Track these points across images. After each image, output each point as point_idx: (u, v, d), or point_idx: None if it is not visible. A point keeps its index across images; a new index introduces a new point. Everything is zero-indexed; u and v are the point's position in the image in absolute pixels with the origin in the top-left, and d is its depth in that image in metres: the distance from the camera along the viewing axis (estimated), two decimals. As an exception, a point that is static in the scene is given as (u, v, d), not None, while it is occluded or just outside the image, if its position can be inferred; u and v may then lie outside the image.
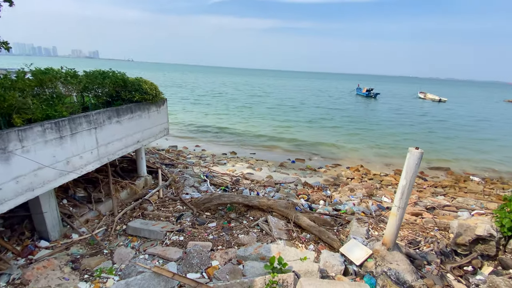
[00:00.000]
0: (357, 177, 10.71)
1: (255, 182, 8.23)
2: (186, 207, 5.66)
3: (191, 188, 6.85)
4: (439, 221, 5.92)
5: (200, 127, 18.44)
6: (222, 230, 4.82)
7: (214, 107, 27.32)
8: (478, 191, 9.62)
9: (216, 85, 56.60)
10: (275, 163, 11.73)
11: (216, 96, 36.44)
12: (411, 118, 28.64)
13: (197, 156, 11.61)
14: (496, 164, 14.26)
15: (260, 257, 3.73)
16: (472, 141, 19.30)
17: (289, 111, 27.47)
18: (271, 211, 5.43)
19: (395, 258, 3.78)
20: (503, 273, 3.66)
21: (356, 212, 6.57)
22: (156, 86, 5.83)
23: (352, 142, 17.05)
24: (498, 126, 26.62)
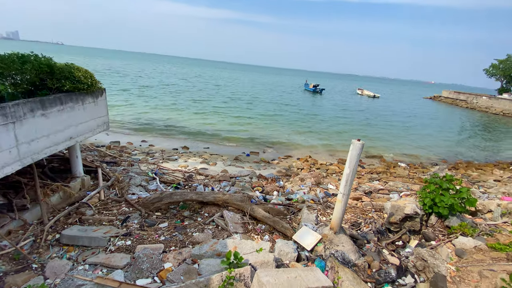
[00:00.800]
0: (306, 167, 11.38)
1: (209, 177, 8.04)
2: (133, 209, 5.21)
3: (138, 187, 6.33)
4: (375, 204, 6.68)
5: (146, 121, 17.12)
6: (175, 230, 4.59)
7: (162, 99, 25.59)
8: (405, 175, 11.17)
9: (165, 76, 53.15)
10: (230, 157, 11.67)
11: (165, 88, 34.25)
12: (351, 112, 31.60)
13: (144, 152, 10.78)
14: (418, 151, 16.75)
15: (216, 253, 3.67)
16: (399, 132, 22.27)
17: (242, 105, 27.51)
18: (226, 206, 5.38)
19: (341, 240, 4.12)
20: (426, 245, 4.33)
21: (306, 200, 6.97)
22: (91, 74, 5.14)
23: (302, 135, 18.00)
24: (419, 119, 31.30)
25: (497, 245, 3.79)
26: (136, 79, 40.06)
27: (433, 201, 4.66)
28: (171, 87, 35.83)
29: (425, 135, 21.94)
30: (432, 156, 15.98)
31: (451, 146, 19.00)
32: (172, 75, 56.13)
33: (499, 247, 3.72)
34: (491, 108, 46.60)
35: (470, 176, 11.91)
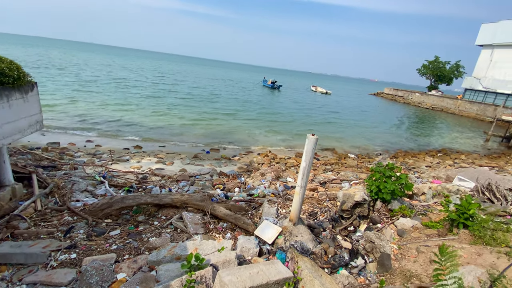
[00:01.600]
0: (266, 162, 11.62)
1: (166, 178, 7.65)
2: (78, 217, 4.69)
3: (83, 193, 5.71)
4: (329, 193, 7.13)
5: (92, 119, 15.48)
6: (129, 237, 4.26)
7: (110, 95, 23.35)
8: (354, 165, 12.17)
9: (113, 69, 48.58)
10: (188, 155, 11.27)
11: (112, 83, 31.36)
12: (307, 107, 33.17)
13: (89, 154, 9.76)
14: (365, 143, 18.39)
15: (175, 257, 3.50)
16: (349, 126, 24.14)
17: (201, 101, 26.74)
18: (186, 207, 5.18)
19: (300, 231, 4.30)
20: (373, 228, 4.77)
21: (267, 194, 7.11)
22: (18, 65, 4.42)
23: (262, 130, 18.29)
24: (365, 113, 34.34)
25: (429, 223, 4.37)
26: (78, 73, 35.82)
27: (378, 188, 5.16)
28: (121, 82, 32.87)
29: (371, 128, 24.21)
30: (377, 147, 17.72)
31: (391, 138, 21.32)
32: (122, 69, 51.58)
33: (432, 225, 4.29)
34: (422, 103, 53.49)
35: (407, 163, 13.52)
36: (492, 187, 6.45)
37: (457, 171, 9.69)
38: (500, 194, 6.16)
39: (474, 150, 19.93)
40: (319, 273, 3.23)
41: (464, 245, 3.48)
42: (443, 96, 52.22)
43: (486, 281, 2.57)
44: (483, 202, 6.09)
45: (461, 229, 3.91)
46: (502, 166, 13.86)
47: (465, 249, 3.36)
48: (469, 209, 3.87)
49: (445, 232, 4.00)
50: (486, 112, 41.10)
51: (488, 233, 3.61)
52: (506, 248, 3.24)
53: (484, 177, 7.93)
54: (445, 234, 3.97)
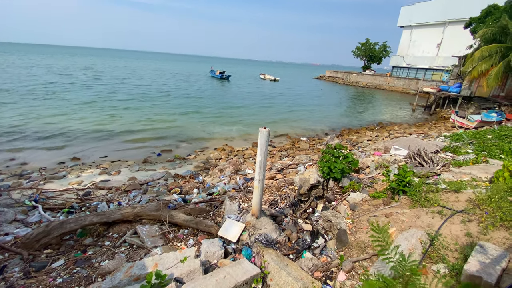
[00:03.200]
0: (224, 156, 11.44)
1: (113, 190, 6.94)
2: (9, 254, 3.95)
3: (12, 224, 4.83)
4: (287, 179, 7.37)
5: (11, 135, 13.04)
6: (76, 265, 3.76)
7: (33, 105, 19.84)
8: (307, 148, 12.80)
9: (30, 71, 41.44)
10: (137, 161, 10.42)
11: (36, 89, 26.86)
12: (257, 95, 33.50)
13: (14, 175, 8.29)
14: (314, 125, 19.46)
15: (133, 279, 3.21)
16: (299, 110, 25.20)
17: (144, 99, 24.76)
18: (140, 219, 4.78)
19: (263, 223, 4.34)
20: (329, 206, 5.09)
21: (228, 190, 7.02)
22: None
23: (215, 124, 17.87)
24: (311, 97, 36.24)
25: (375, 194, 4.83)
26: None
27: (329, 169, 5.49)
28: (47, 86, 28.10)
29: (317, 110, 25.73)
30: (324, 127, 18.94)
31: (336, 117, 23.01)
32: (42, 69, 44.33)
33: (377, 195, 4.75)
34: (359, 83, 58.73)
35: (352, 139, 14.78)
36: (421, 153, 7.43)
37: (392, 142, 10.94)
38: (427, 158, 7.14)
39: (404, 120, 22.80)
40: (285, 263, 3.31)
41: (405, 210, 3.94)
42: (375, 75, 58.09)
43: (426, 241, 2.95)
44: (415, 166, 6.99)
45: (401, 195, 4.41)
46: (426, 132, 16.14)
47: (406, 213, 3.80)
48: (406, 177, 4.37)
49: (389, 200, 4.46)
50: (411, 86, 47.19)
51: (422, 196, 4.15)
52: (438, 207, 3.76)
53: (414, 144, 9.11)
54: (389, 202, 4.43)
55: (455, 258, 2.88)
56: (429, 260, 2.94)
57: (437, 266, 2.76)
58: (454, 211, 3.64)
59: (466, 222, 3.37)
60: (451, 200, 4.06)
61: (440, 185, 4.68)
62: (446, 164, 6.73)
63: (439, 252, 2.97)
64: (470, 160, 7.03)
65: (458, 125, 17.70)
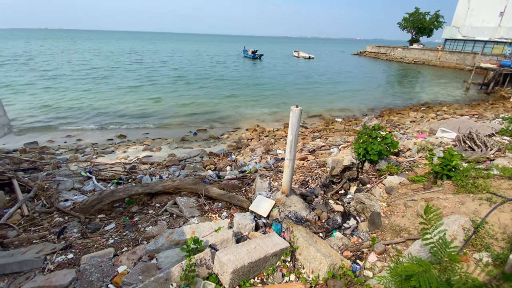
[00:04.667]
0: (255, 136, 11.57)
1: (155, 165, 7.53)
2: (69, 217, 4.61)
3: (70, 191, 5.57)
4: (319, 160, 7.25)
5: (67, 114, 14.62)
6: (125, 229, 4.26)
7: (77, 86, 21.52)
8: (341, 129, 12.32)
9: (69, 55, 45.17)
10: (175, 139, 11.05)
11: (82, 73, 29.40)
12: (291, 74, 32.52)
13: (71, 150, 9.41)
14: (351, 104, 18.48)
15: (174, 243, 3.54)
16: (334, 89, 24.01)
17: (180, 81, 25.64)
18: (179, 192, 5.16)
19: (293, 201, 4.40)
20: (362, 189, 4.93)
21: (259, 169, 7.17)
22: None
23: (248, 104, 17.97)
24: (349, 74, 34.08)
25: (415, 178, 4.54)
26: (39, 64, 33.01)
27: (365, 150, 5.24)
28: (96, 71, 30.45)
29: (356, 90, 24.21)
30: (362, 107, 17.87)
31: (376, 97, 21.47)
32: (90, 55, 48.06)
33: (417, 179, 4.47)
34: (404, 58, 53.41)
35: (393, 121, 13.79)
36: (472, 136, 6.69)
37: (440, 123, 9.98)
38: (480, 141, 6.41)
39: (455, 100, 20.46)
40: (314, 239, 3.35)
41: (448, 196, 3.66)
42: (424, 49, 52.16)
43: (470, 228, 2.74)
44: (465, 150, 6.35)
45: (445, 180, 4.09)
46: (481, 113, 14.37)
47: (449, 199, 3.53)
48: (452, 161, 4.01)
49: (430, 185, 4.17)
50: (466, 61, 41.63)
51: (470, 181, 3.80)
52: (487, 194, 3.43)
53: (465, 126, 8.21)
54: (430, 187, 4.15)
55: (501, 247, 2.65)
56: (472, 248, 2.74)
57: (479, 255, 2.57)
58: (506, 198, 3.28)
59: (520, 211, 3.03)
60: (503, 187, 3.65)
61: (492, 171, 4.22)
62: (502, 149, 5.99)
63: (483, 241, 2.75)
64: (533, 145, 6.16)
65: (522, 106, 15.41)
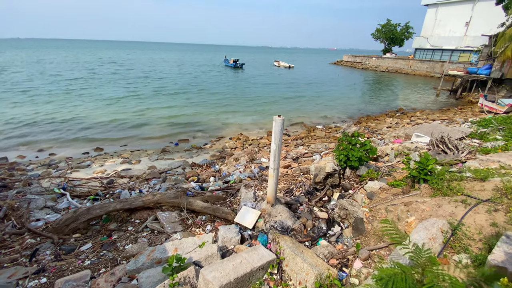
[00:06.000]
0: (239, 145, 11.52)
1: (134, 179, 7.24)
2: (41, 238, 4.28)
3: (43, 210, 5.20)
4: (302, 167, 7.32)
5: (31, 125, 13.70)
6: (102, 248, 4.01)
7: (51, 97, 20.37)
8: (322, 136, 12.59)
9: (42, 66, 43.21)
10: (156, 151, 10.74)
11: (56, 82, 28.10)
12: (272, 84, 33.06)
13: (43, 165, 8.85)
14: (330, 112, 19.00)
15: (155, 261, 3.38)
16: (314, 98, 24.66)
17: (160, 91, 25.19)
18: (160, 206, 4.98)
19: (278, 211, 4.38)
20: (345, 195, 5.02)
21: (243, 178, 7.11)
22: None
23: (230, 113, 17.93)
24: (328, 83, 35.22)
25: (394, 182, 4.69)
26: (7, 78, 31.17)
27: (346, 157, 5.38)
28: (68, 82, 29.18)
29: (334, 98, 25.02)
30: (341, 114, 18.45)
31: (354, 104, 22.29)
32: (63, 63, 46.08)
33: (396, 184, 4.62)
34: (379, 67, 56.18)
35: (370, 127, 14.32)
36: (444, 139, 7.08)
37: (414, 128, 10.49)
38: (452, 145, 6.79)
39: (427, 106, 21.69)
40: (300, 249, 3.34)
41: (425, 199, 3.81)
42: (396, 58, 55.19)
43: (448, 230, 2.85)
44: (438, 154, 6.69)
45: (422, 184, 4.26)
46: (451, 118, 15.31)
47: (427, 202, 3.68)
48: (428, 165, 4.20)
49: (408, 189, 4.33)
50: (435, 69, 44.52)
51: (445, 184, 3.98)
52: (461, 196, 3.60)
53: (437, 130, 8.68)
54: (409, 191, 4.30)
55: (479, 248, 2.77)
56: (451, 250, 2.85)
57: (459, 256, 2.67)
58: (479, 200, 3.47)
59: (492, 211, 3.21)
60: (476, 188, 3.86)
61: (465, 173, 4.47)
62: (472, 151, 6.38)
63: (461, 242, 2.87)
64: (499, 147, 6.62)
65: (487, 110, 16.60)
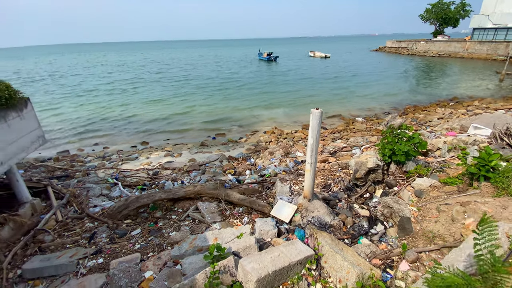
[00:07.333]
0: (273, 139, 11.49)
1: (176, 170, 7.70)
2: (98, 222, 4.81)
3: (99, 197, 5.83)
4: (341, 162, 7.03)
5: (87, 122, 15.39)
6: (150, 234, 4.37)
7: (101, 97, 22.28)
8: (363, 129, 11.90)
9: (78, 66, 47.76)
10: (195, 144, 11.26)
11: (104, 85, 31.01)
12: (307, 75, 32.11)
13: (99, 157, 9.88)
14: (372, 103, 17.84)
15: (197, 249, 3.57)
16: (353, 88, 23.34)
17: (198, 87, 26.22)
18: (200, 197, 5.22)
19: (315, 206, 4.28)
20: (389, 192, 4.70)
21: (278, 172, 7.09)
22: (7, 84, 4.30)
23: (265, 107, 17.95)
24: (369, 72, 32.98)
25: (448, 180, 4.24)
26: (66, 82, 35.18)
27: (391, 151, 5.00)
28: (121, 83, 32.03)
29: (376, 87, 23.37)
30: (384, 105, 17.18)
31: (399, 94, 20.57)
32: (115, 66, 50.64)
33: (450, 181, 4.17)
34: (428, 52, 50.85)
35: (418, 118, 13.11)
36: (511, 132, 6.17)
37: (472, 119, 9.33)
38: (520, 138, 5.90)
39: (488, 94, 19.08)
40: (340, 247, 3.22)
41: (487, 199, 3.38)
42: (450, 41, 49.32)
43: (515, 235, 2.48)
44: (502, 148, 5.86)
45: (482, 182, 3.78)
46: (518, 107, 13.25)
47: (489, 203, 3.25)
48: (490, 161, 3.69)
49: (465, 187, 3.88)
50: (498, 51, 38.80)
51: (511, 183, 3.48)
52: (533, 197, 3.12)
53: (501, 121, 7.60)
54: (466, 189, 3.85)
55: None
56: (519, 258, 2.48)
57: (530, 266, 2.32)
58: (559, 202, 2.96)
59: None
60: (553, 189, 3.30)
61: (538, 170, 3.84)
62: (548, 145, 5.46)
63: (533, 250, 2.48)
64: None
65: None
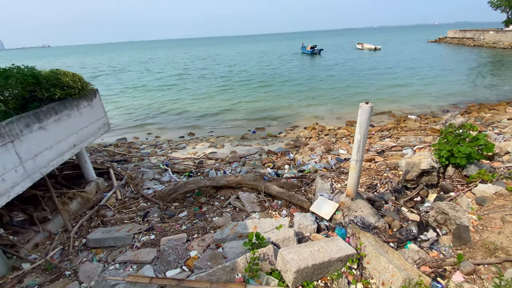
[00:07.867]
0: (314, 135, 11.22)
1: (219, 161, 8.07)
2: (150, 203, 5.33)
3: (151, 181, 6.42)
4: (389, 162, 6.58)
5: (144, 113, 16.97)
6: (195, 217, 4.69)
7: (155, 92, 23.92)
8: (416, 128, 10.90)
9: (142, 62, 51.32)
10: (236, 137, 11.60)
11: (147, 75, 33.46)
12: (353, 69, 30.38)
13: (151, 145, 10.83)
14: (427, 100, 16.20)
15: (237, 235, 3.74)
16: (405, 83, 21.40)
17: (242, 81, 26.71)
18: (240, 187, 5.41)
19: (359, 205, 4.11)
20: (444, 197, 4.28)
21: (319, 169, 6.93)
22: (80, 76, 4.97)
23: (306, 102, 17.57)
24: (425, 66, 29.83)
25: (519, 188, 3.70)
26: (135, 74, 38.79)
27: (450, 152, 4.52)
28: (172, 78, 33.95)
29: (433, 82, 21.08)
30: (442, 102, 15.45)
31: (461, 90, 18.27)
32: (171, 64, 54.39)
33: (522, 190, 3.63)
34: (498, 43, 43.92)
35: (483, 118, 11.52)
36: None
37: (556, 121, 7.88)
38: None
39: None
40: (385, 249, 3.07)
41: None
42: (528, 29, 41.82)
43: None
44: None
45: None
46: None
47: None
48: None
49: (543, 198, 3.34)
50: None
51: None
52: None
53: None
54: (544, 200, 3.32)
55: None
56: None
57: None
58: None
59: None
60: None
61: None
62: None
63: None
64: None
65: None
